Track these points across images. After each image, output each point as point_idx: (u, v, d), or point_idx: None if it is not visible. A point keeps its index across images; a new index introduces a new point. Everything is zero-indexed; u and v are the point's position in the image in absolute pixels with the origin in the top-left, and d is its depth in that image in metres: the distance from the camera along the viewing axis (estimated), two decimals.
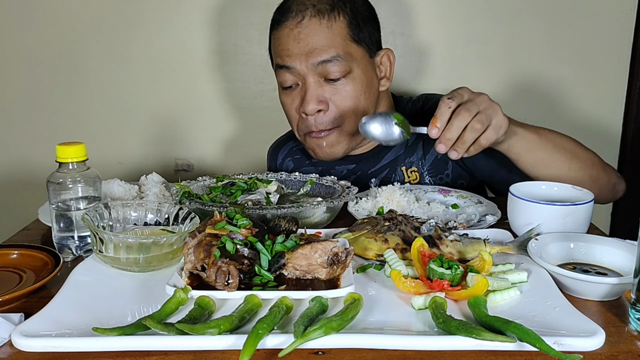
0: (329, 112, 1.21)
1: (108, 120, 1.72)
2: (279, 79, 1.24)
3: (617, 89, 1.71)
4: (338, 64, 1.18)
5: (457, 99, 0.99)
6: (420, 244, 0.80)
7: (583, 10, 1.64)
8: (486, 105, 0.98)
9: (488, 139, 0.98)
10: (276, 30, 1.23)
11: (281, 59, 1.21)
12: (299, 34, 1.18)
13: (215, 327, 0.62)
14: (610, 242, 0.82)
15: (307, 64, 1.18)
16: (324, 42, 1.18)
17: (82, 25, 1.65)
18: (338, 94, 1.20)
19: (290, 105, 1.25)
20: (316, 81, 1.19)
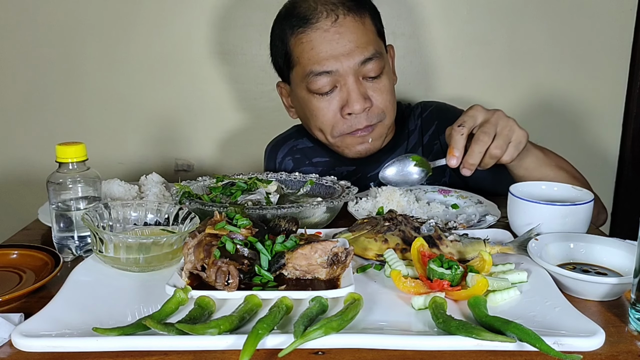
0: (373, 108, 1.19)
1: (108, 120, 1.72)
2: (315, 86, 1.17)
3: (617, 89, 1.71)
4: (377, 61, 1.16)
5: (469, 123, 0.99)
6: (420, 244, 0.80)
7: (583, 10, 1.64)
8: (503, 124, 0.98)
9: (511, 156, 0.99)
10: (303, 34, 1.16)
11: (319, 64, 1.15)
12: (335, 33, 1.13)
13: (215, 327, 0.62)
14: (610, 242, 0.82)
15: (349, 64, 1.14)
16: (363, 39, 1.15)
17: (82, 25, 1.65)
18: (378, 90, 1.18)
19: (327, 109, 1.19)
20: (357, 80, 1.16)
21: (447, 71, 1.69)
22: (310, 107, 1.21)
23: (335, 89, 1.17)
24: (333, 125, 1.20)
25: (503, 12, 1.65)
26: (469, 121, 0.99)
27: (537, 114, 1.71)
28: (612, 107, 1.72)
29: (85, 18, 1.64)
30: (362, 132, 1.21)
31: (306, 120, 1.28)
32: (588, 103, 1.71)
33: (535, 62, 1.68)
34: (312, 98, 1.19)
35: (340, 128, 1.20)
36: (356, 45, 1.14)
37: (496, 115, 1.00)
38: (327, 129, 1.22)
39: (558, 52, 1.67)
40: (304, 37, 1.16)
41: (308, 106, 1.21)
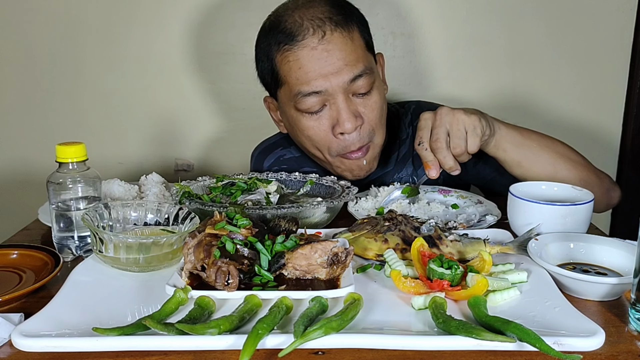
0: (364, 126, 1.14)
1: (108, 120, 1.72)
2: (304, 106, 1.12)
3: (617, 89, 1.71)
4: (367, 77, 1.12)
5: (425, 136, 1.02)
6: (420, 244, 0.80)
7: (583, 11, 1.64)
8: (449, 120, 1.00)
9: (474, 144, 1.00)
10: (289, 52, 1.10)
11: (307, 84, 1.09)
12: (323, 51, 1.08)
13: (215, 327, 0.62)
14: (610, 242, 0.82)
15: (338, 83, 1.09)
16: (351, 56, 1.10)
17: (82, 25, 1.65)
18: (368, 106, 1.14)
19: (318, 129, 1.14)
20: (347, 98, 1.11)
21: (447, 71, 1.69)
22: (300, 127, 1.17)
23: (325, 107, 1.13)
24: (329, 145, 1.16)
25: (502, 12, 1.65)
26: (423, 134, 1.02)
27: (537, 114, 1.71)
28: (612, 107, 1.72)
29: (86, 18, 1.64)
30: (356, 155, 1.17)
31: (297, 138, 1.23)
32: (588, 103, 1.71)
33: (535, 62, 1.68)
34: (301, 117, 1.15)
35: (335, 148, 1.16)
36: (345, 63, 1.09)
37: (440, 115, 1.01)
38: (324, 148, 1.17)
39: (558, 52, 1.67)
40: (291, 56, 1.10)
41: (298, 125, 1.17)
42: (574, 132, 1.74)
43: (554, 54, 1.67)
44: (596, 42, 1.66)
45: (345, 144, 1.15)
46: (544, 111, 1.71)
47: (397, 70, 1.67)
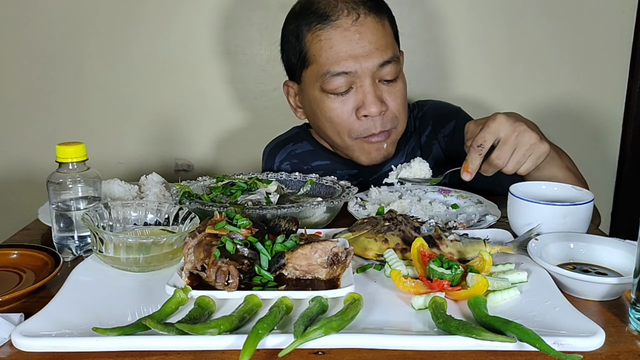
0: (388, 112, 1.16)
1: (108, 120, 1.72)
2: (331, 86, 1.14)
3: (617, 89, 1.71)
4: (394, 65, 1.14)
5: (489, 142, 0.99)
6: (420, 244, 0.80)
7: (583, 10, 1.64)
8: (523, 142, 0.98)
9: (526, 169, 1.00)
10: (321, 32, 1.12)
11: (337, 64, 1.11)
12: (356, 33, 1.10)
13: (215, 327, 0.62)
14: (610, 242, 0.82)
15: (368, 65, 1.11)
16: (382, 42, 1.12)
17: (82, 25, 1.65)
18: (393, 94, 1.16)
19: (341, 110, 1.16)
20: (374, 82, 1.13)
21: (447, 70, 1.69)
22: (322, 108, 1.18)
23: (351, 90, 1.14)
24: (350, 127, 1.17)
25: (503, 12, 1.65)
26: (489, 139, 0.99)
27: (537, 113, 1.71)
28: (613, 106, 1.72)
29: (86, 18, 1.64)
30: (377, 138, 1.18)
31: (316, 121, 1.24)
32: (588, 102, 1.71)
33: (536, 61, 1.68)
34: (325, 98, 1.16)
35: (357, 130, 1.17)
36: (376, 47, 1.11)
37: (518, 131, 0.97)
38: (344, 130, 1.18)
39: (558, 52, 1.67)
40: (323, 35, 1.12)
41: (320, 106, 1.18)
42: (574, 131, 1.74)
43: (554, 53, 1.67)
44: (596, 42, 1.66)
45: (367, 126, 1.16)
46: (544, 111, 1.71)
47: None
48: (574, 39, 1.66)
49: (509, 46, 1.67)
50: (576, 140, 1.74)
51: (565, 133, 1.72)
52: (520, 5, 1.64)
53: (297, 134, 1.39)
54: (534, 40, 1.66)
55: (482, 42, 1.66)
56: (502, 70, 1.69)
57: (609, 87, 1.70)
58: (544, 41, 1.66)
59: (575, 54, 1.67)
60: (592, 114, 1.72)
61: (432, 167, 1.26)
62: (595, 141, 1.75)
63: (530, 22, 1.65)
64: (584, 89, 1.70)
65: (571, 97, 1.71)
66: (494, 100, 1.70)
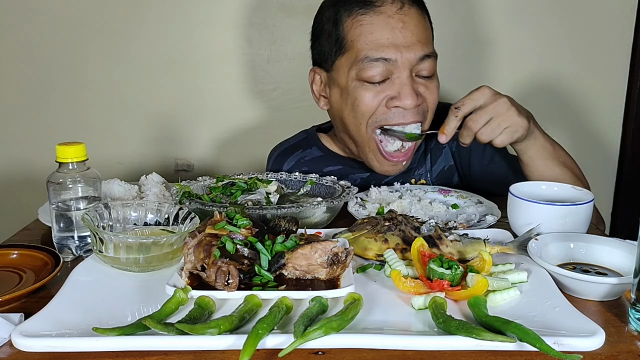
0: (423, 105, 1.13)
1: (108, 120, 1.72)
2: (368, 73, 1.09)
3: (617, 89, 1.71)
4: (433, 61, 1.13)
5: (467, 107, 1.02)
6: (420, 244, 0.80)
7: (583, 11, 1.64)
8: (500, 112, 1.00)
9: (502, 141, 1.02)
10: (364, 17, 1.09)
11: (377, 50, 1.08)
12: (399, 21, 1.08)
13: (215, 327, 0.62)
14: (610, 242, 0.82)
15: (408, 56, 1.08)
16: (424, 35, 1.11)
17: (82, 25, 1.65)
18: (429, 90, 1.13)
19: (373, 99, 1.11)
20: (411, 75, 1.10)
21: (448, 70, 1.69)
22: (354, 96, 1.12)
23: (387, 80, 1.10)
24: (374, 113, 1.12)
25: (502, 13, 1.65)
26: (467, 105, 1.02)
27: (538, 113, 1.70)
28: (613, 105, 1.73)
29: (86, 18, 1.64)
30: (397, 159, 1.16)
31: (340, 112, 1.18)
32: (588, 101, 1.71)
33: (536, 61, 1.68)
34: (359, 86, 1.11)
35: (382, 116, 1.12)
36: (418, 39, 1.09)
37: (498, 102, 1.01)
38: (365, 117, 1.13)
39: (558, 52, 1.67)
40: (364, 20, 1.09)
41: (352, 95, 1.12)
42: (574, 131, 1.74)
43: (554, 53, 1.67)
44: (596, 42, 1.66)
45: (395, 114, 1.11)
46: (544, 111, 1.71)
47: None
48: (574, 39, 1.66)
49: (509, 46, 1.67)
50: (576, 140, 1.74)
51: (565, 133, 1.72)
52: (521, 5, 1.64)
53: (305, 140, 1.34)
54: (534, 40, 1.66)
55: (481, 42, 1.66)
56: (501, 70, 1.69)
57: (610, 86, 1.70)
58: (544, 41, 1.66)
59: (576, 53, 1.67)
60: (592, 114, 1.72)
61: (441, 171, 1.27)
62: (595, 141, 1.75)
63: (531, 22, 1.65)
64: (584, 89, 1.70)
65: (571, 97, 1.71)
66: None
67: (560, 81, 1.70)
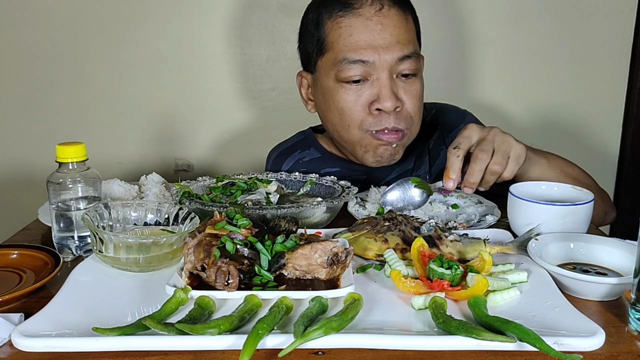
0: (403, 110, 1.13)
1: (108, 120, 1.72)
2: (345, 74, 1.11)
3: (617, 89, 1.71)
4: (414, 60, 1.12)
5: (465, 144, 0.99)
6: (420, 244, 0.80)
7: (583, 11, 1.64)
8: (500, 141, 0.98)
9: (511, 172, 0.99)
10: (342, 19, 1.10)
11: (355, 52, 1.09)
12: (378, 23, 1.09)
13: (215, 327, 0.62)
14: (610, 242, 0.82)
15: (387, 58, 1.09)
16: (404, 36, 1.11)
17: (82, 25, 1.65)
18: (410, 92, 1.13)
19: (355, 102, 1.12)
20: (391, 77, 1.11)
21: (447, 71, 1.69)
22: (335, 98, 1.14)
23: (367, 81, 1.11)
24: (361, 120, 1.13)
25: (502, 13, 1.65)
26: (464, 142, 0.99)
27: (537, 114, 1.71)
28: (612, 106, 1.72)
29: (86, 18, 1.64)
30: (388, 136, 1.14)
31: (327, 113, 1.19)
32: (588, 103, 1.71)
33: (535, 62, 1.68)
34: (339, 88, 1.13)
35: (368, 122, 1.13)
36: (397, 40, 1.09)
37: (492, 132, 0.99)
38: (355, 122, 1.14)
39: (558, 52, 1.67)
40: (343, 22, 1.10)
41: (333, 96, 1.14)
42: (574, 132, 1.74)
43: (554, 53, 1.67)
44: (596, 42, 1.66)
45: (380, 119, 1.12)
46: (544, 111, 1.71)
47: None
48: (574, 39, 1.66)
49: (509, 47, 1.67)
50: (576, 140, 1.74)
51: (565, 134, 1.73)
52: (520, 6, 1.64)
53: (304, 140, 1.35)
54: (534, 40, 1.66)
55: (481, 42, 1.66)
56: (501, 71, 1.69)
57: (609, 87, 1.70)
58: (544, 41, 1.66)
59: (576, 54, 1.67)
60: (593, 114, 1.72)
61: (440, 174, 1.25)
62: (595, 142, 1.75)
63: (530, 23, 1.65)
64: (584, 90, 1.70)
65: (571, 97, 1.71)
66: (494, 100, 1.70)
67: (559, 81, 1.70)
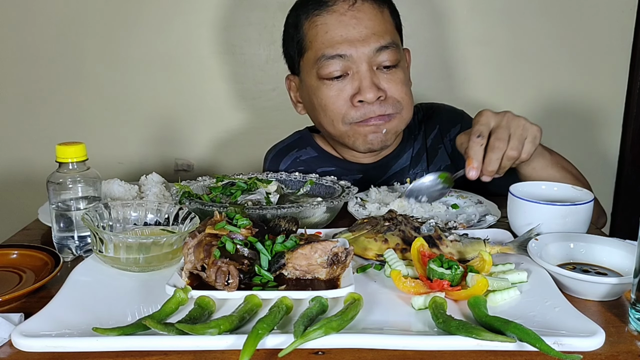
0: (388, 97, 1.14)
1: (108, 120, 1.72)
2: (326, 70, 1.13)
3: (617, 88, 1.71)
4: (393, 51, 1.14)
5: (486, 132, 0.98)
6: (420, 244, 0.80)
7: (583, 10, 1.64)
8: (515, 125, 0.98)
9: (528, 152, 0.98)
10: (318, 17, 1.13)
11: (332, 47, 1.11)
12: (352, 18, 1.11)
13: (215, 327, 0.62)
14: (610, 242, 0.82)
15: (364, 50, 1.11)
16: (380, 27, 1.12)
17: (83, 25, 1.65)
18: (392, 81, 1.14)
19: (337, 97, 1.14)
20: (370, 69, 1.12)
21: (447, 71, 1.69)
22: (319, 96, 1.16)
23: (347, 76, 1.13)
24: (344, 113, 1.15)
25: (503, 12, 1.65)
26: (484, 130, 0.98)
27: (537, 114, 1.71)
28: (613, 106, 1.72)
29: (86, 18, 1.64)
30: (375, 121, 1.15)
31: (313, 112, 1.22)
32: (588, 103, 1.71)
33: (536, 62, 1.68)
34: (321, 85, 1.15)
35: (351, 115, 1.14)
36: (372, 32, 1.11)
37: (507, 117, 0.98)
38: (338, 117, 1.16)
39: (558, 52, 1.67)
40: (319, 20, 1.13)
41: (317, 95, 1.16)
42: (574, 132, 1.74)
43: (554, 53, 1.67)
44: (596, 42, 1.66)
45: (363, 111, 1.13)
46: (544, 111, 1.71)
47: None
48: (574, 39, 1.66)
49: (509, 47, 1.67)
50: (576, 140, 1.74)
51: (565, 133, 1.73)
52: (521, 6, 1.64)
53: (300, 140, 1.36)
54: (533, 40, 1.66)
55: (481, 42, 1.66)
56: (501, 71, 1.69)
57: (609, 87, 1.70)
58: (544, 41, 1.66)
59: (575, 54, 1.67)
60: (592, 115, 1.72)
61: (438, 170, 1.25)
62: (595, 142, 1.75)
63: (530, 22, 1.65)
64: (584, 89, 1.70)
65: (571, 97, 1.71)
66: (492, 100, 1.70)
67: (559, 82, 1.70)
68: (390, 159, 1.30)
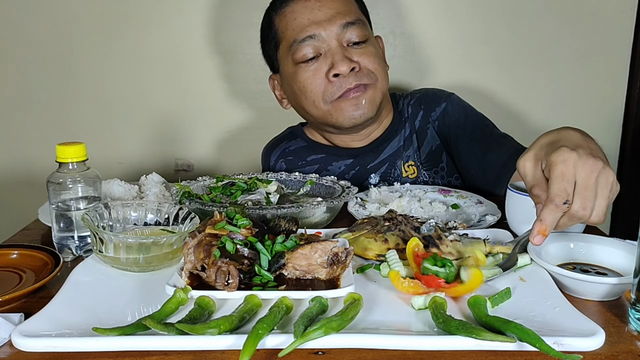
0: (362, 68, 1.19)
1: (108, 120, 1.72)
2: (299, 54, 1.18)
3: (617, 89, 1.71)
4: (360, 26, 1.19)
5: (571, 193, 0.71)
6: (415, 244, 0.80)
7: (583, 11, 1.64)
8: (604, 183, 0.72)
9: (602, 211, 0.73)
10: (286, 8, 1.21)
11: (301, 31, 1.18)
12: (316, 2, 1.18)
13: (215, 327, 0.62)
14: (610, 242, 0.82)
15: (332, 28, 1.17)
16: (343, 7, 1.19)
17: (83, 25, 1.65)
18: (364, 54, 1.20)
19: (313, 77, 1.19)
20: (341, 45, 1.18)
21: (447, 70, 1.69)
22: (297, 80, 1.21)
23: (320, 56, 1.18)
24: (323, 91, 1.19)
25: (502, 12, 1.65)
26: (571, 190, 0.71)
27: (537, 114, 1.71)
28: (612, 106, 1.72)
29: (86, 18, 1.64)
30: (354, 93, 1.18)
31: (297, 100, 1.26)
32: (588, 102, 1.71)
33: (535, 61, 1.68)
34: (298, 70, 1.20)
35: (330, 91, 1.19)
36: (337, 12, 1.18)
37: (597, 173, 0.72)
38: (318, 96, 1.20)
39: (558, 52, 1.67)
40: (287, 10, 1.20)
41: (295, 80, 1.21)
42: None
43: (554, 53, 1.67)
44: (596, 42, 1.66)
45: (340, 84, 1.18)
46: (544, 111, 1.71)
47: (397, 70, 1.67)
48: (574, 39, 1.66)
49: (509, 46, 1.67)
50: None
51: None
52: (521, 6, 1.64)
53: (291, 133, 1.43)
54: (533, 40, 1.66)
55: (481, 42, 1.66)
56: (501, 70, 1.68)
57: (609, 87, 1.70)
58: (544, 41, 1.66)
59: (575, 54, 1.67)
60: (592, 114, 1.72)
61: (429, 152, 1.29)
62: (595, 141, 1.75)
63: (530, 22, 1.65)
64: (584, 89, 1.70)
65: (571, 97, 1.71)
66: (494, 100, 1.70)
67: (559, 82, 1.69)
68: (381, 142, 1.32)
